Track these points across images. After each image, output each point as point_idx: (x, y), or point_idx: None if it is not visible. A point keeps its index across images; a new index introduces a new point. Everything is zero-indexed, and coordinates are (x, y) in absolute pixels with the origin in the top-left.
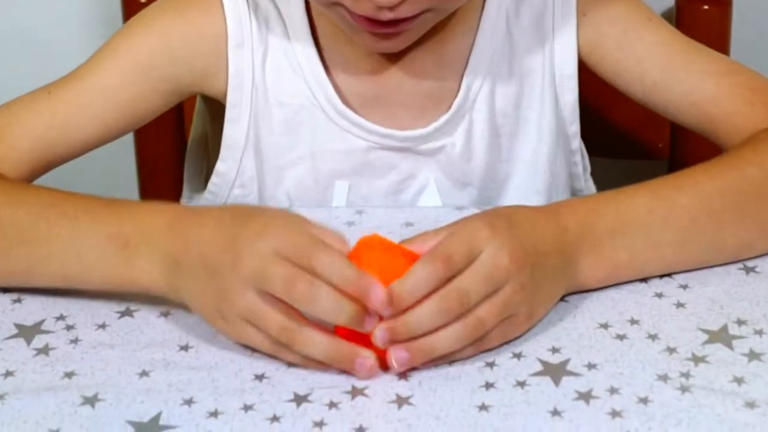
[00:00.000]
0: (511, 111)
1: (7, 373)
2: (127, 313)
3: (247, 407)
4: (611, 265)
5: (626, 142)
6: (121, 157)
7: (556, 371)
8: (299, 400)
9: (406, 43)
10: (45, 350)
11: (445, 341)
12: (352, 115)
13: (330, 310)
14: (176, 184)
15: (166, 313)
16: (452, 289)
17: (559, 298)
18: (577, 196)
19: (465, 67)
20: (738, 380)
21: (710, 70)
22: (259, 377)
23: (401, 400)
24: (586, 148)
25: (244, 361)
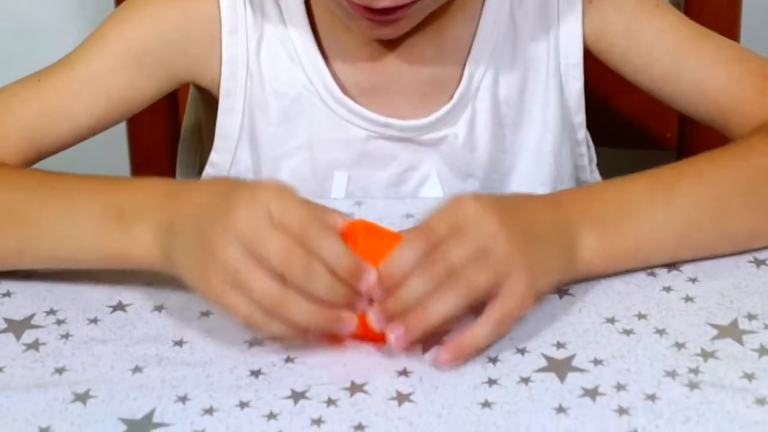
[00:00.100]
0: (515, 100)
1: None
2: (120, 307)
3: (243, 404)
4: (614, 249)
5: (633, 131)
6: (113, 146)
7: (561, 367)
8: (296, 396)
9: (404, 29)
10: (35, 345)
11: (437, 305)
12: (351, 104)
13: (323, 290)
14: (170, 174)
15: (159, 308)
16: (436, 255)
17: (562, 277)
18: None
19: (467, 55)
20: (748, 376)
21: (720, 58)
22: (256, 373)
23: (402, 397)
24: (592, 137)
25: (239, 357)
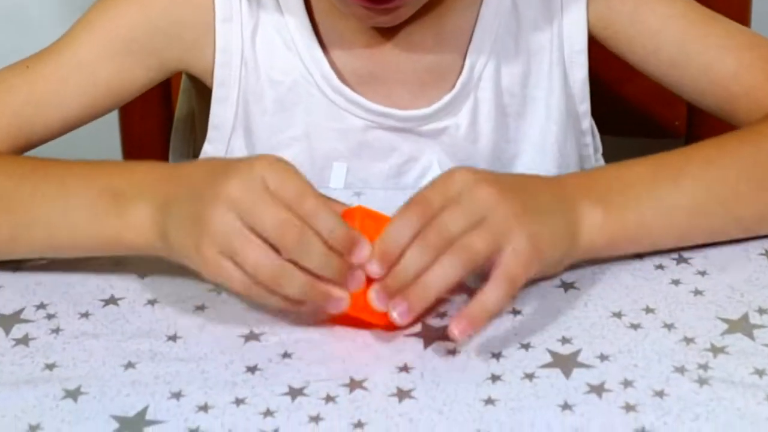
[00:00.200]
0: (518, 90)
1: None
2: (112, 301)
3: (239, 401)
4: (618, 228)
5: (640, 119)
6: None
7: (566, 363)
8: (294, 393)
9: (403, 17)
10: (24, 340)
11: (436, 274)
12: (349, 92)
13: (316, 261)
14: None
15: (153, 301)
16: (432, 226)
17: (566, 253)
18: None
19: (468, 44)
20: (759, 372)
21: (729, 44)
22: (252, 369)
23: (402, 394)
24: (597, 125)
25: (235, 352)
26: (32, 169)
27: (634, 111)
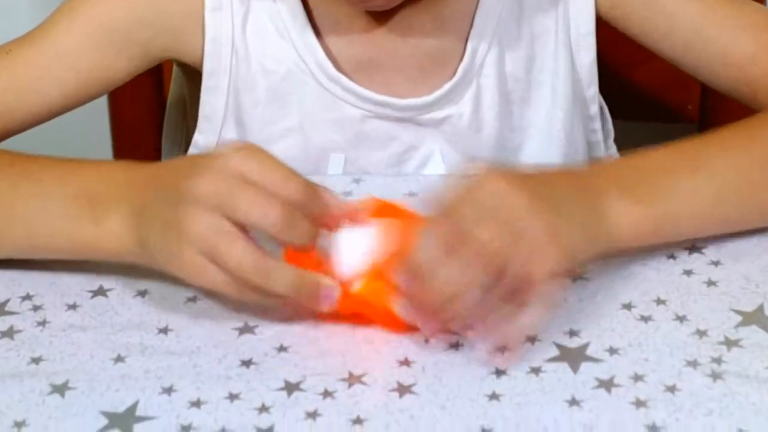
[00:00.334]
0: (523, 75)
1: None
2: (101, 292)
3: (233, 396)
4: (646, 215)
5: (651, 103)
6: (94, 121)
7: (574, 357)
8: (290, 388)
9: (398, 0)
10: (9, 333)
11: (450, 275)
12: (345, 81)
13: (307, 237)
14: (154, 153)
15: (143, 293)
16: (461, 239)
17: (592, 247)
18: None
19: (469, 29)
20: None
21: (746, 24)
22: (246, 363)
23: (403, 389)
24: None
25: (229, 346)
26: (10, 164)
27: (646, 95)
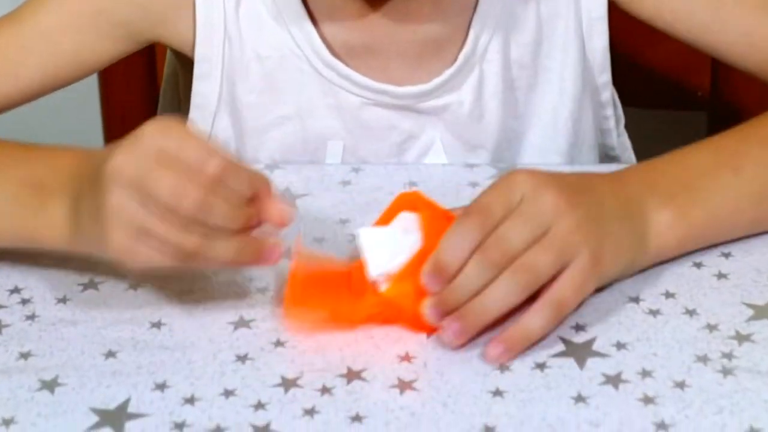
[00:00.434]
0: (529, 61)
1: None
2: (91, 285)
3: (228, 393)
4: (689, 225)
5: (660, 90)
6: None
7: (580, 352)
8: (287, 384)
9: None
10: None
11: (495, 296)
12: (342, 67)
13: (228, 216)
14: None
15: (135, 286)
16: (492, 239)
17: (631, 263)
18: (608, 154)
19: (472, 14)
20: None
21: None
22: (242, 358)
23: (404, 385)
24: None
25: (224, 340)
26: None
27: (654, 82)
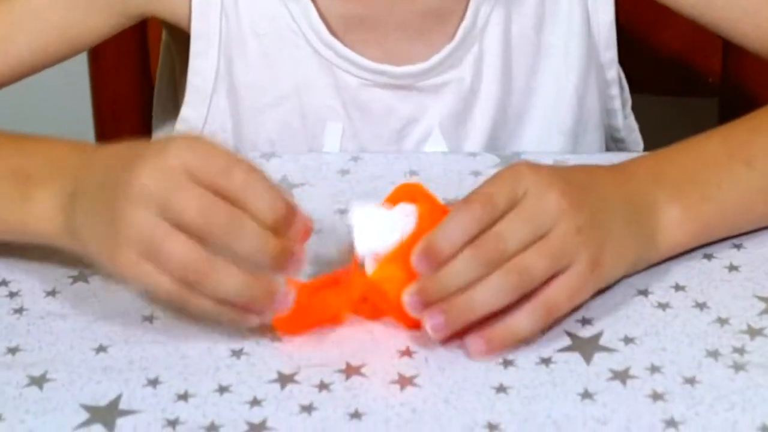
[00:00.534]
0: (532, 36)
1: None
2: (81, 277)
3: (223, 389)
4: (700, 218)
5: (669, 75)
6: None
7: (587, 346)
8: (284, 380)
9: None
10: None
11: (484, 294)
12: (340, 47)
13: (252, 246)
14: (139, 130)
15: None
16: (488, 235)
17: (637, 262)
18: (614, 136)
19: None
20: None
21: None
22: (237, 353)
23: (404, 381)
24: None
25: (219, 335)
26: None
27: (662, 67)
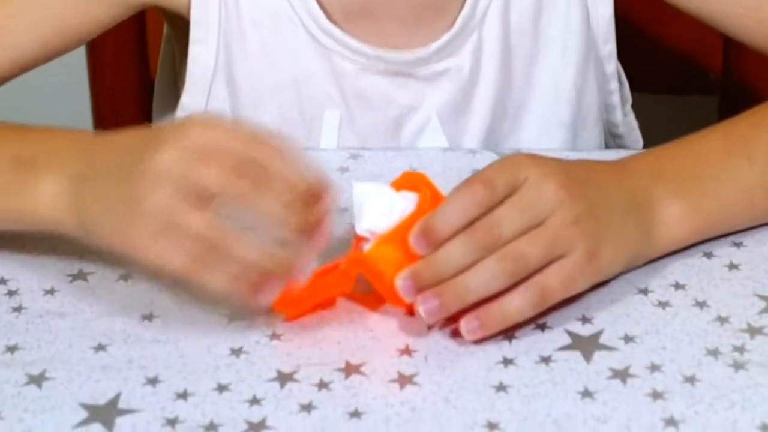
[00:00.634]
0: (530, 27)
1: None
2: (80, 276)
3: (222, 387)
4: (700, 215)
5: (669, 73)
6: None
7: (587, 345)
8: (283, 379)
9: None
10: None
11: (478, 278)
12: (338, 33)
13: (278, 209)
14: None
15: (126, 277)
16: (485, 221)
17: (635, 257)
18: (613, 132)
19: None
20: None
21: None
22: (236, 352)
23: (404, 380)
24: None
25: (218, 334)
26: None
27: (663, 64)
